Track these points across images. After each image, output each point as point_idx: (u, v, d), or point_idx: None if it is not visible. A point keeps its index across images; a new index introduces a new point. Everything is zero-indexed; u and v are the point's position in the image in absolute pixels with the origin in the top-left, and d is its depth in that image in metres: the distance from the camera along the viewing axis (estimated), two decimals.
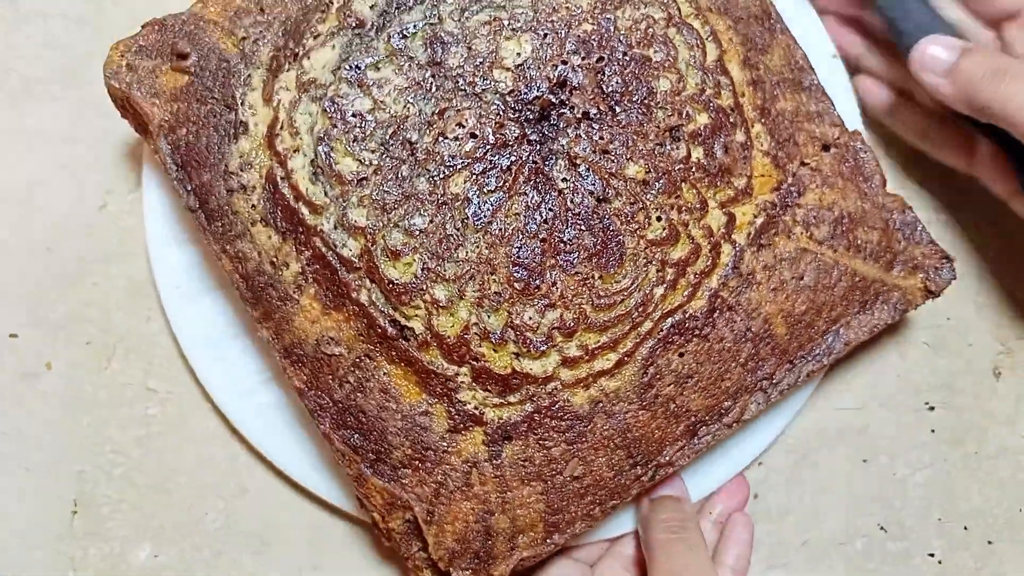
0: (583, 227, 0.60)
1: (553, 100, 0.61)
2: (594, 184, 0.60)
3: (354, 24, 0.60)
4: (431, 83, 0.60)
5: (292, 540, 0.69)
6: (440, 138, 0.59)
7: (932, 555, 0.72)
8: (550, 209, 0.60)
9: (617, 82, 0.61)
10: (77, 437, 0.70)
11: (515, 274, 0.59)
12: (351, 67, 0.59)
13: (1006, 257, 0.76)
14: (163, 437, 0.70)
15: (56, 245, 0.72)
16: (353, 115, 0.59)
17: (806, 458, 0.73)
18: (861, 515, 0.72)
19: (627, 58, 0.62)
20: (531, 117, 0.61)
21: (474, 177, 0.59)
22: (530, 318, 0.59)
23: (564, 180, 0.60)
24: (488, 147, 0.60)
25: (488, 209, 0.59)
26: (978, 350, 0.75)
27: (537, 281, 0.59)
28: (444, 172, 0.59)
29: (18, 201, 0.72)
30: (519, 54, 0.61)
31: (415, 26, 0.60)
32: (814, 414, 0.73)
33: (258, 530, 0.69)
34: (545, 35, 0.61)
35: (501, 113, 0.60)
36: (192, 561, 0.69)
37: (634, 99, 0.61)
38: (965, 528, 0.73)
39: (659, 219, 0.61)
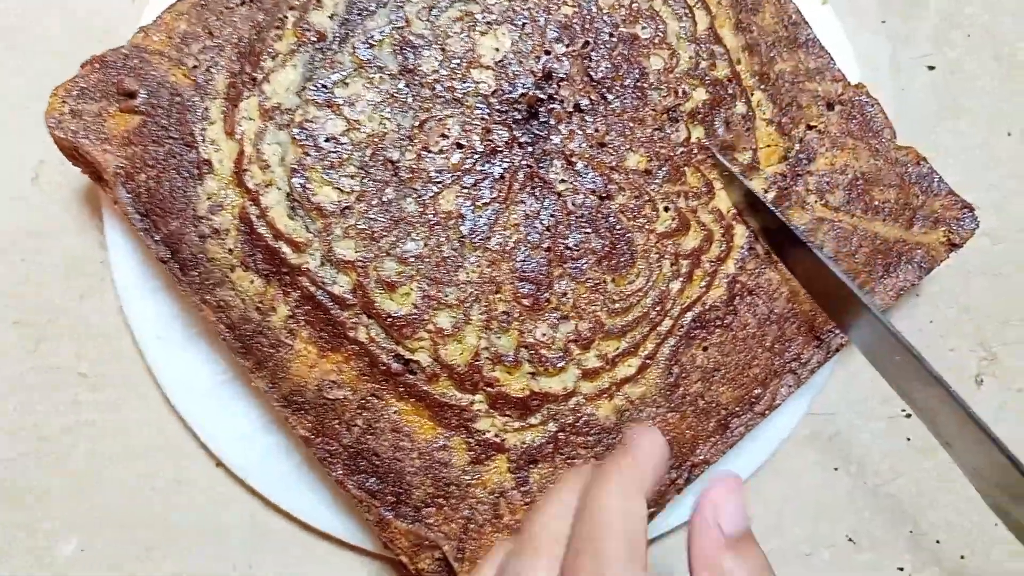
0: (588, 229, 0.56)
1: (540, 95, 0.56)
2: (595, 181, 0.56)
3: (314, 38, 0.55)
4: (406, 93, 0.55)
5: (228, 536, 0.65)
6: (424, 153, 0.54)
7: (902, 569, 0.69)
8: (551, 215, 0.55)
9: (606, 67, 0.56)
10: (2, 422, 0.65)
11: (522, 289, 0.55)
12: (317, 86, 0.54)
13: (995, 259, 0.72)
14: (95, 425, 0.65)
15: None
16: (326, 140, 0.54)
17: (771, 464, 0.69)
18: (829, 525, 0.68)
19: (614, 39, 0.57)
20: (519, 117, 0.56)
21: (466, 191, 0.55)
22: (543, 334, 0.55)
23: (562, 181, 0.56)
24: (477, 156, 0.55)
25: (485, 224, 0.55)
26: (960, 356, 0.71)
27: (546, 294, 0.55)
28: (433, 189, 0.54)
29: None
30: (498, 49, 0.56)
31: (381, 32, 0.55)
32: (782, 418, 0.67)
33: (193, 525, 0.65)
34: (523, 25, 0.56)
35: (486, 117, 0.55)
36: (122, 556, 0.64)
37: (626, 83, 0.57)
38: (937, 542, 0.69)
39: (667, 209, 0.57)
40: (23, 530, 0.64)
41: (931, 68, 0.73)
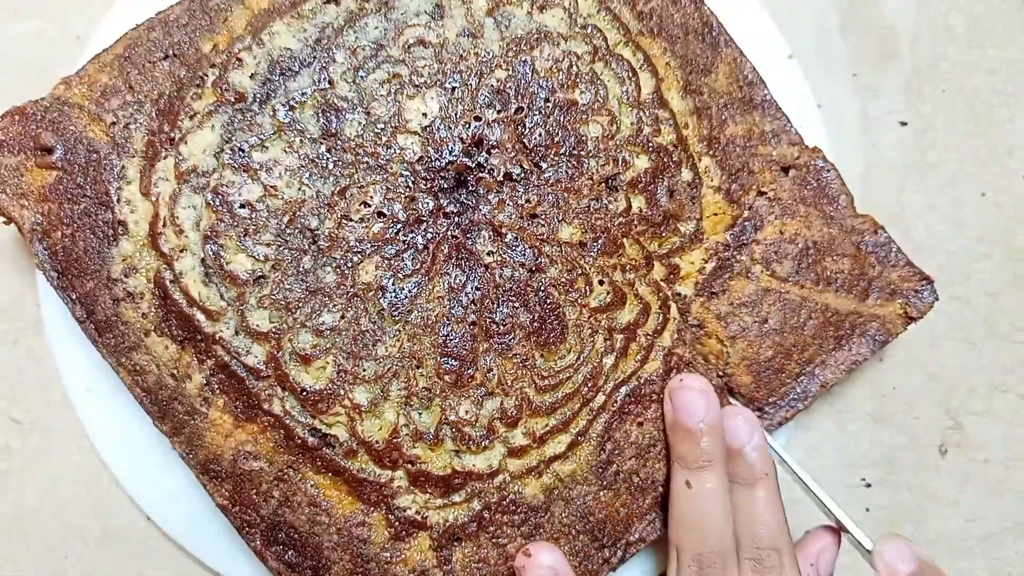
0: (517, 303, 0.53)
1: (469, 163, 0.53)
2: (524, 254, 0.53)
3: (233, 99, 0.53)
4: (327, 159, 0.53)
5: None
6: (344, 221, 0.52)
7: None
8: (477, 288, 0.53)
9: (540, 134, 0.54)
10: None
11: (444, 365, 0.52)
12: (234, 150, 0.52)
13: (963, 324, 0.69)
14: (24, 473, 0.64)
15: None
16: (241, 206, 0.52)
17: None
18: None
19: (550, 105, 0.54)
20: (446, 186, 0.53)
21: (386, 261, 0.52)
22: (467, 411, 0.53)
23: (490, 253, 0.53)
24: (400, 225, 0.53)
25: (406, 296, 0.52)
26: (924, 424, 0.68)
27: (470, 370, 0.53)
28: (352, 259, 0.52)
29: None
30: (425, 114, 0.53)
31: (303, 94, 0.53)
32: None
33: None
34: (453, 88, 0.54)
35: (411, 185, 0.53)
36: None
37: (562, 151, 0.54)
38: None
39: (601, 283, 0.55)
40: None
41: (903, 124, 0.70)
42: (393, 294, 0.52)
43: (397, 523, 0.54)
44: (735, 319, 0.56)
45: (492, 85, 0.54)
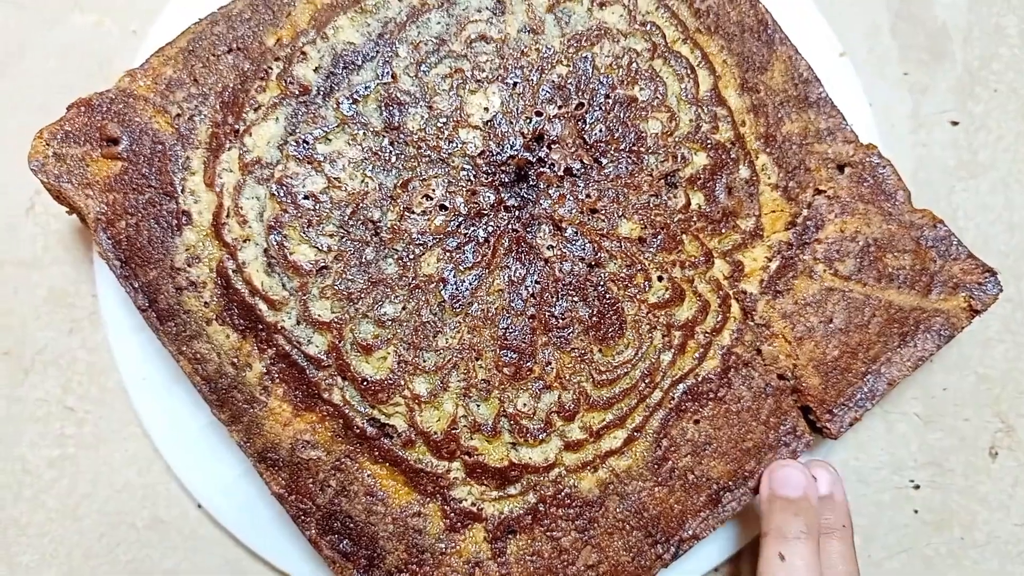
0: (576, 297, 0.54)
1: (530, 158, 0.54)
2: (584, 248, 0.54)
3: (297, 92, 0.53)
4: (390, 152, 0.53)
5: None
6: (406, 213, 0.53)
7: None
8: (537, 281, 0.53)
9: (601, 130, 0.54)
10: None
11: (504, 357, 0.53)
12: (298, 141, 0.53)
13: (1015, 326, 0.68)
14: (78, 460, 0.65)
15: None
16: (305, 197, 0.52)
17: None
18: None
19: (610, 101, 0.54)
20: (507, 180, 0.54)
21: (448, 254, 0.53)
22: (524, 404, 0.53)
23: (550, 247, 0.54)
24: (461, 218, 0.53)
25: (467, 288, 0.53)
26: (975, 426, 0.68)
27: (529, 363, 0.53)
28: (414, 251, 0.53)
29: None
30: (487, 108, 0.54)
31: (367, 87, 0.53)
32: None
33: (170, 567, 0.64)
34: (515, 84, 0.54)
35: (473, 178, 0.53)
36: None
37: (621, 147, 0.54)
38: None
39: (660, 279, 0.55)
40: (2, 563, 0.64)
41: (954, 123, 0.70)
42: (454, 286, 0.53)
43: (453, 514, 0.54)
44: (801, 319, 0.56)
45: (553, 81, 0.54)
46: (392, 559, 0.54)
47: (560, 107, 0.54)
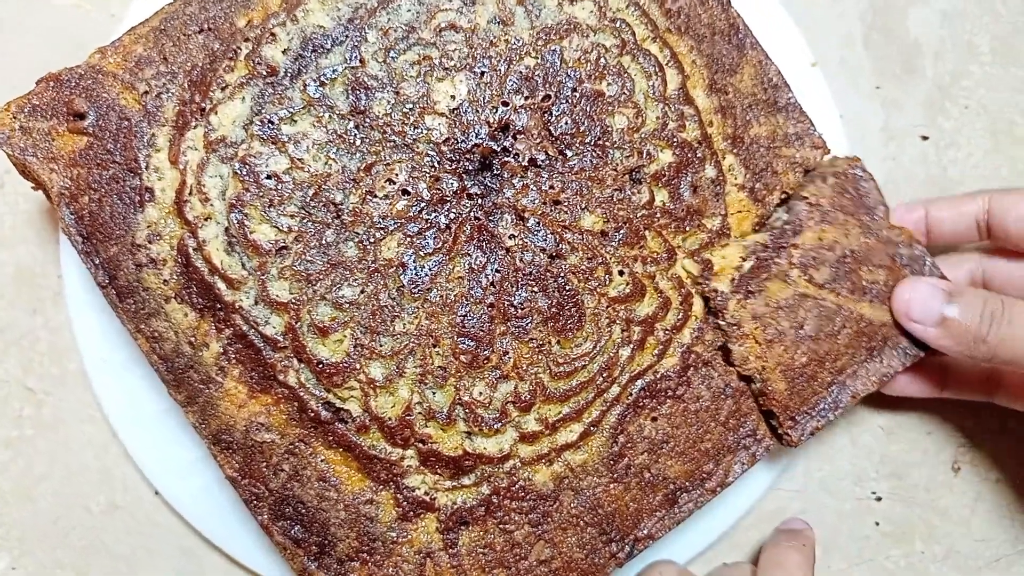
0: (536, 288, 0.54)
1: (495, 147, 0.54)
2: (546, 239, 0.54)
3: (265, 72, 0.53)
4: (355, 135, 0.53)
5: (160, 566, 0.64)
6: (368, 197, 0.53)
7: None
8: (497, 270, 0.53)
9: (567, 123, 0.54)
10: None
11: (461, 345, 0.53)
12: (263, 122, 0.53)
13: None
14: (35, 441, 0.64)
15: None
16: (268, 177, 0.52)
17: (731, 538, 0.66)
18: None
19: (577, 94, 0.55)
20: (471, 168, 0.54)
21: (409, 239, 0.53)
22: (480, 393, 0.53)
23: (512, 237, 0.54)
24: (423, 204, 0.53)
25: (426, 274, 0.53)
26: (938, 440, 0.68)
27: (486, 351, 0.53)
28: (374, 235, 0.52)
29: None
30: (454, 96, 0.54)
31: (334, 71, 0.53)
32: (745, 491, 0.64)
33: (125, 553, 0.64)
34: (482, 73, 0.54)
35: (436, 165, 0.53)
36: None
37: (587, 140, 0.55)
38: None
39: (621, 273, 0.55)
40: None
41: (924, 138, 0.70)
42: (413, 271, 0.52)
43: (405, 503, 0.54)
44: (772, 322, 0.56)
45: (520, 72, 0.55)
46: (343, 547, 0.54)
47: (527, 98, 0.54)
